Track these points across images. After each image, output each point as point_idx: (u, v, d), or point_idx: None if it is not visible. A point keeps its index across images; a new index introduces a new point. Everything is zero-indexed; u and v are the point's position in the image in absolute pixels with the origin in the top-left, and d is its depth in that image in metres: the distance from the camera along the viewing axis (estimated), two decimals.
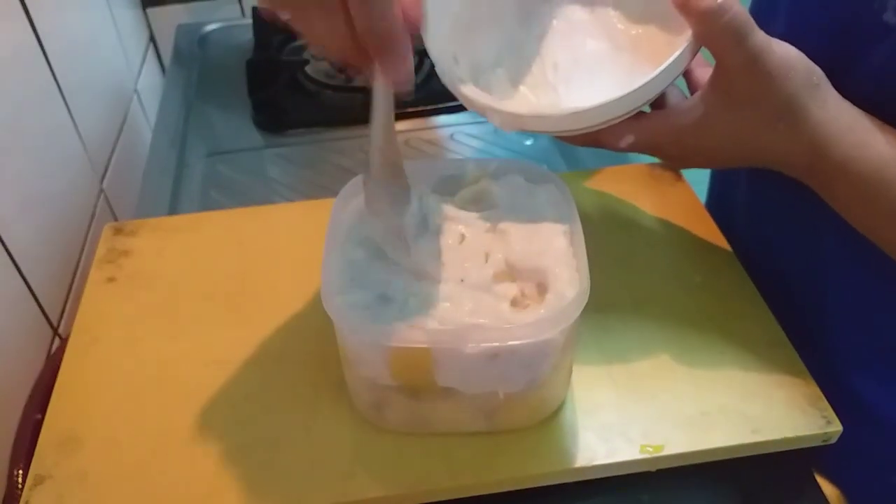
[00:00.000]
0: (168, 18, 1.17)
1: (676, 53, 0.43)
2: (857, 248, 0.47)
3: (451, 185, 0.53)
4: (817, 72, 0.43)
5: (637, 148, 0.46)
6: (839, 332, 0.55)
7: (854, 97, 0.46)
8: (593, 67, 0.48)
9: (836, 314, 0.56)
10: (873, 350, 0.54)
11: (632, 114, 0.45)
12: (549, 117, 0.46)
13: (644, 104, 0.45)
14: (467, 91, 0.47)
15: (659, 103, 0.48)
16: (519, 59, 0.51)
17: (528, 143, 0.87)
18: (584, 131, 0.46)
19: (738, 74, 0.42)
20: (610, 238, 0.62)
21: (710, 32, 0.41)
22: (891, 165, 0.42)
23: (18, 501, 0.45)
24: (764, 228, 0.62)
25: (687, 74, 0.49)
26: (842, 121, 0.43)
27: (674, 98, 0.48)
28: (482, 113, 0.47)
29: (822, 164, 0.44)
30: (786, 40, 0.54)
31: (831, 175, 0.44)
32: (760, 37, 0.41)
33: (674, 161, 0.47)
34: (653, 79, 0.43)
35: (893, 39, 0.44)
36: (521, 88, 0.49)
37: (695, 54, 0.44)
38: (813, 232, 0.55)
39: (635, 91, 0.43)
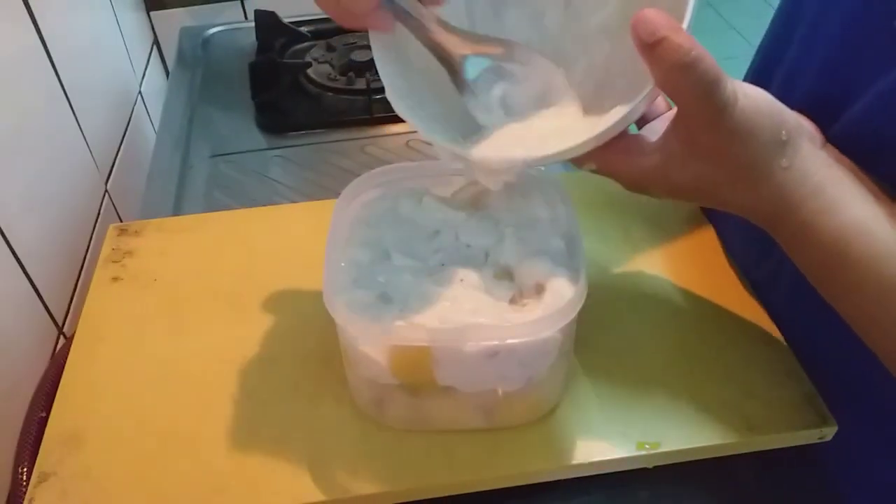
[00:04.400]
0: (172, 21, 1.18)
1: (627, 109, 0.40)
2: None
3: (451, 186, 0.53)
4: (788, 124, 0.40)
5: (599, 173, 0.44)
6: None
7: (863, 114, 0.44)
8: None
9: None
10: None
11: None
12: (490, 161, 0.44)
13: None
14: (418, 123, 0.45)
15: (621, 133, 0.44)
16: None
17: None
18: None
19: (701, 129, 0.39)
20: (607, 238, 0.62)
21: (678, 86, 0.37)
22: (852, 237, 0.40)
23: (23, 499, 0.46)
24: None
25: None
26: (807, 184, 0.40)
27: (636, 136, 0.44)
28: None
29: (783, 225, 0.42)
30: (801, 53, 0.51)
31: (792, 236, 0.42)
32: (728, 90, 0.37)
33: (635, 191, 0.44)
34: (598, 134, 0.40)
35: None
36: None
37: (654, 100, 0.41)
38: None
39: (575, 146, 0.41)
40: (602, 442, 0.48)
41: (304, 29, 1.08)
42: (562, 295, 0.44)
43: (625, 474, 0.48)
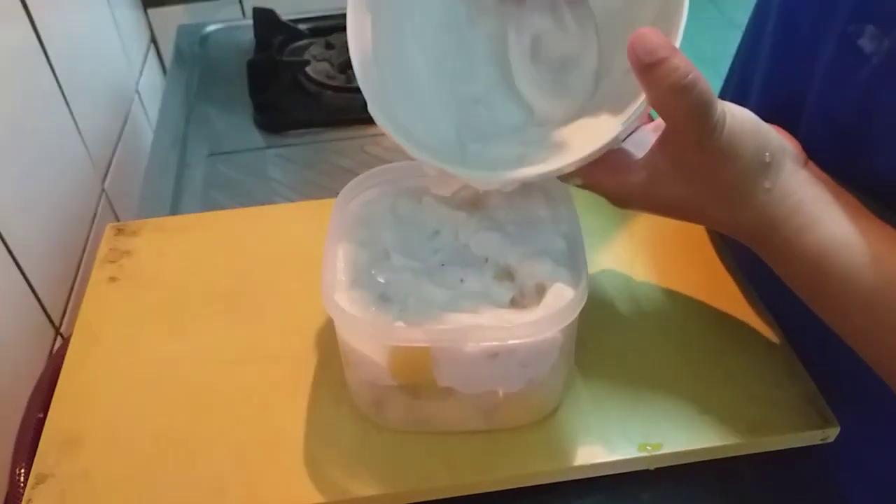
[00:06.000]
0: (169, 19, 1.17)
1: (616, 132, 0.40)
2: None
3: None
4: (772, 145, 0.41)
5: (585, 188, 0.45)
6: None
7: (833, 128, 0.45)
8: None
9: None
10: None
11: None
12: (486, 178, 0.44)
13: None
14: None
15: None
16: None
17: None
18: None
19: (690, 149, 0.40)
20: (608, 238, 0.62)
21: (672, 107, 0.38)
22: (831, 252, 0.41)
23: (21, 500, 0.46)
24: None
25: None
26: (786, 203, 0.41)
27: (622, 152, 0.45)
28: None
29: (765, 244, 0.43)
30: (770, 69, 0.52)
31: (774, 254, 0.43)
32: (717, 112, 0.38)
33: (620, 207, 0.45)
34: (587, 154, 0.41)
35: (869, 68, 0.42)
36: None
37: (642, 121, 0.41)
38: None
39: (571, 163, 0.42)
40: (603, 443, 0.47)
41: (302, 27, 1.08)
42: (563, 295, 0.44)
43: (626, 476, 0.48)
